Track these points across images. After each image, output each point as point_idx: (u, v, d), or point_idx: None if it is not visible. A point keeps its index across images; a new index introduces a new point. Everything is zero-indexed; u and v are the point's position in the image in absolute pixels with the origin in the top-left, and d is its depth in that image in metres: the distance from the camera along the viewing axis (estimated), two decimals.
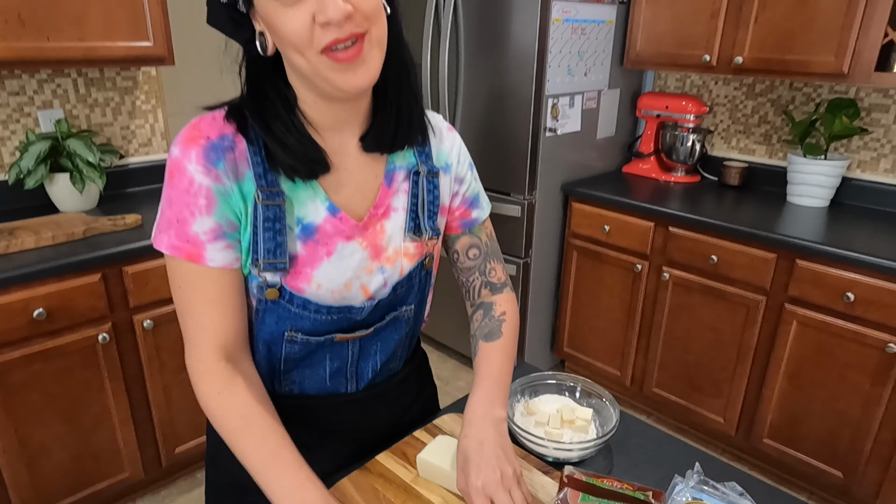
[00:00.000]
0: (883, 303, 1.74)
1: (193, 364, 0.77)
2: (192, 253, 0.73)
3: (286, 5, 0.64)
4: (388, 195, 0.82)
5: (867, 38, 1.86)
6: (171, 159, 0.73)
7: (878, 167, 2.20)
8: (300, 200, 0.76)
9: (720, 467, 0.88)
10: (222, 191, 0.72)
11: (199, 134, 0.73)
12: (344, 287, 0.80)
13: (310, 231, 0.77)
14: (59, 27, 1.72)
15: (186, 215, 0.72)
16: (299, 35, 0.65)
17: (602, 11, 2.36)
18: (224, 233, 0.73)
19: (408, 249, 0.84)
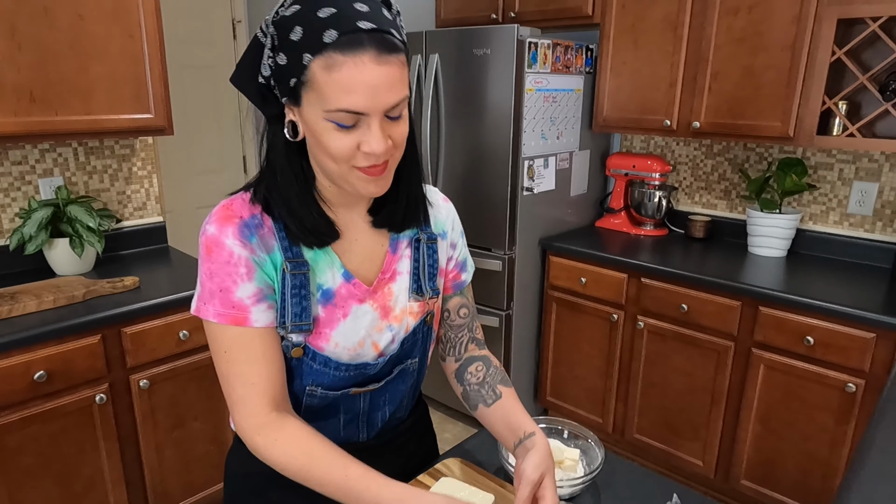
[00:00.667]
0: (840, 345, 1.88)
1: (246, 421, 0.83)
2: (238, 317, 0.80)
3: (341, 132, 0.73)
4: (394, 261, 0.92)
5: (807, 106, 2.07)
6: (207, 237, 0.80)
7: (827, 219, 2.40)
8: (321, 268, 0.86)
9: (699, 499, 0.97)
10: (258, 261, 0.81)
11: (232, 214, 0.81)
12: (358, 345, 0.89)
13: (329, 295, 0.86)
14: (68, 102, 1.83)
15: (229, 284, 0.80)
16: (343, 154, 0.75)
17: (571, 81, 2.57)
18: (265, 295, 0.82)
19: (412, 308, 0.94)
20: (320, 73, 0.71)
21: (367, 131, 0.74)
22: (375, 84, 0.71)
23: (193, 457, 2.05)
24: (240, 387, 0.82)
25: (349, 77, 0.70)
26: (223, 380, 0.84)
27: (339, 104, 0.71)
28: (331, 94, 0.71)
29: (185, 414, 1.99)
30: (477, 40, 2.39)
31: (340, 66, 0.70)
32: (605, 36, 2.52)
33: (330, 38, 0.69)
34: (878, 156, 2.25)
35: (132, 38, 1.93)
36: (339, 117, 0.72)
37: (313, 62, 0.70)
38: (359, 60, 0.70)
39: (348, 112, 0.72)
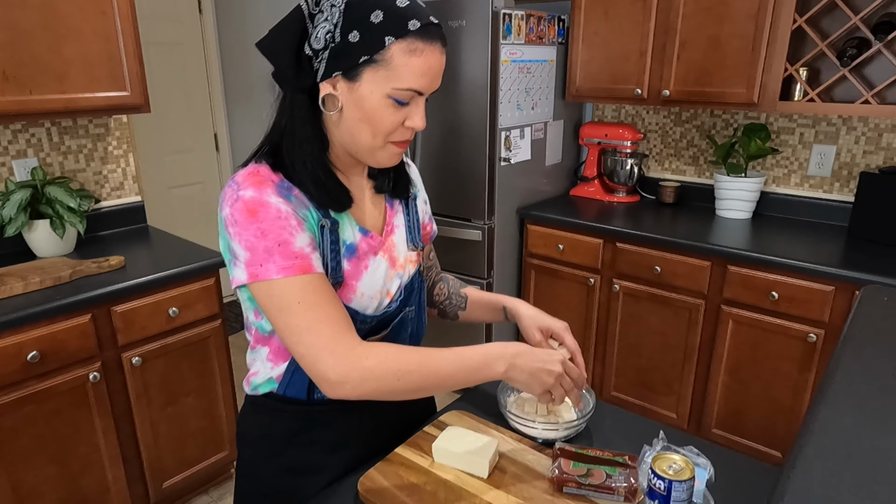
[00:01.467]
0: (802, 299, 2.01)
1: (348, 355, 0.82)
2: (304, 265, 0.82)
3: (394, 106, 0.83)
4: (393, 216, 1.01)
5: (770, 73, 2.17)
6: (246, 200, 0.81)
7: (790, 181, 2.52)
8: (343, 226, 0.92)
9: (680, 436, 1.06)
10: (302, 215, 0.85)
11: (263, 178, 0.84)
12: (378, 293, 0.96)
13: (352, 250, 0.92)
14: (42, 81, 1.80)
15: (286, 237, 0.81)
16: (390, 128, 0.85)
17: (544, 52, 2.61)
18: (317, 244, 0.87)
19: (411, 258, 1.04)
20: (400, 55, 0.80)
21: (415, 109, 0.85)
22: (438, 70, 0.84)
23: (187, 432, 2.08)
24: (327, 328, 0.82)
25: (426, 62, 0.81)
26: (303, 331, 0.82)
27: (412, 84, 0.81)
28: (408, 74, 0.81)
29: (177, 390, 2.02)
30: (452, 12, 2.41)
31: (422, 51, 0.81)
32: (576, 6, 2.57)
33: (413, 27, 0.80)
34: (835, 119, 2.37)
35: (105, 16, 1.90)
36: (405, 95, 0.82)
37: (395, 44, 0.79)
38: (434, 49, 0.82)
39: (414, 91, 0.82)
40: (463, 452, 0.95)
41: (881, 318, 0.80)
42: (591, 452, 0.94)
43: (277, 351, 0.96)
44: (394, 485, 0.93)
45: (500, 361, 0.89)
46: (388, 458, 0.99)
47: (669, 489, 0.79)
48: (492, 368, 0.89)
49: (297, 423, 0.98)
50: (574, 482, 0.90)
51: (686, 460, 0.82)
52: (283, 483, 0.99)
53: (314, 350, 0.82)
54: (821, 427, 0.57)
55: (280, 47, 0.84)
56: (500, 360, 0.89)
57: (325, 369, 0.81)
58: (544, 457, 0.99)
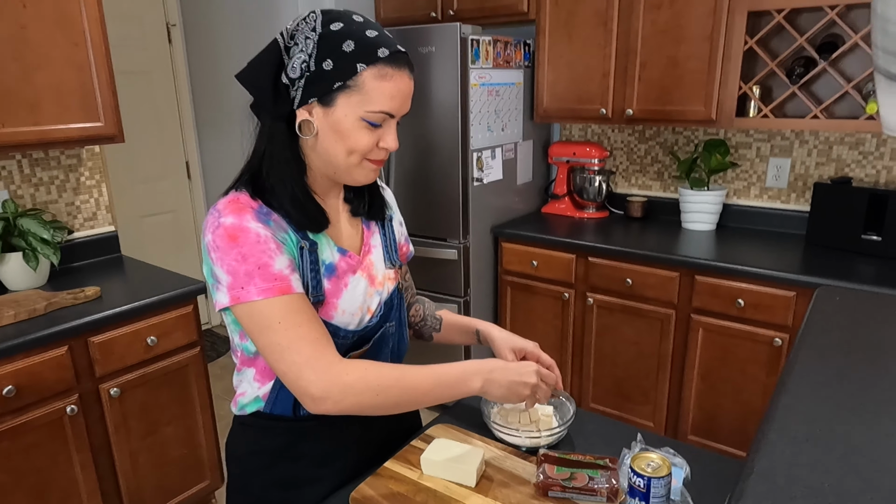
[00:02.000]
0: (766, 305, 2.10)
1: (327, 372, 0.85)
2: (283, 286, 0.86)
3: (367, 128, 0.89)
4: (369, 236, 1.06)
5: (726, 91, 2.28)
6: (227, 227, 0.85)
7: (749, 193, 2.64)
8: (321, 247, 0.96)
9: (657, 439, 1.11)
10: (281, 238, 0.89)
11: (243, 205, 0.88)
12: (358, 310, 1.00)
13: (331, 269, 0.96)
14: (14, 113, 1.80)
15: (266, 259, 0.86)
16: (365, 149, 0.90)
17: (511, 75, 2.70)
18: (296, 265, 0.90)
19: (389, 275, 1.08)
20: (371, 80, 0.86)
21: (388, 131, 0.91)
22: (407, 94, 0.91)
23: (167, 461, 2.06)
24: (307, 346, 0.85)
25: (395, 86, 0.88)
26: (284, 350, 0.85)
27: (383, 106, 0.88)
28: (378, 97, 0.87)
29: (157, 419, 2.00)
30: (421, 39, 2.48)
31: (391, 76, 0.87)
32: (540, 31, 2.67)
33: (383, 54, 0.86)
34: (788, 133, 2.50)
35: (77, 46, 1.91)
36: (377, 117, 0.88)
37: (366, 71, 0.86)
38: (403, 74, 0.89)
39: (385, 113, 0.88)
40: (450, 463, 0.98)
41: (834, 314, 0.86)
42: (574, 457, 0.98)
43: (263, 371, 0.98)
44: (384, 497, 0.95)
45: (476, 377, 0.94)
46: (378, 473, 1.01)
47: (649, 486, 0.83)
48: (468, 384, 0.94)
49: (285, 439, 1.00)
50: (558, 486, 0.94)
51: (663, 458, 0.87)
52: (273, 497, 1.01)
53: (296, 367, 0.85)
54: (781, 413, 0.62)
55: (259, 78, 0.89)
56: (476, 375, 0.94)
57: (306, 385, 0.85)
58: (529, 464, 1.03)
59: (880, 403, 0.64)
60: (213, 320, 4.07)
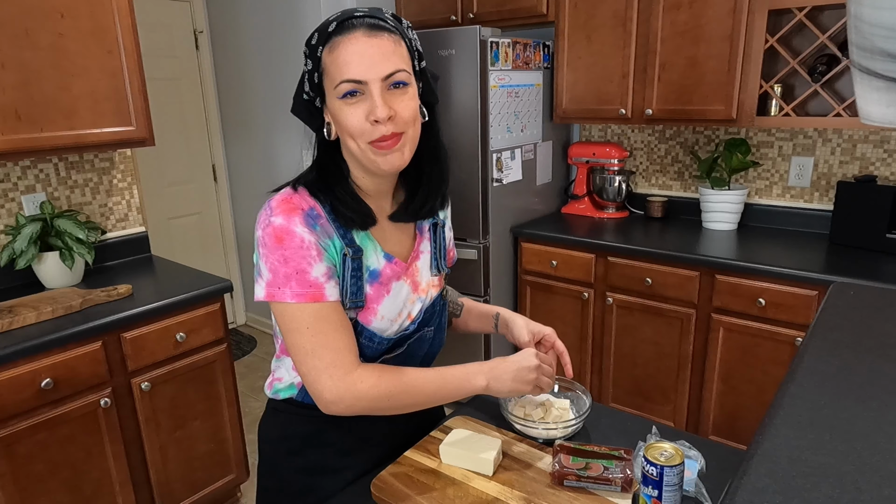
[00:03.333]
0: (788, 304, 2.09)
1: (343, 379, 0.90)
2: (316, 294, 0.90)
3: (348, 105, 0.87)
4: (420, 242, 1.07)
5: (747, 90, 2.28)
6: (275, 227, 0.88)
7: (771, 193, 2.62)
8: (367, 253, 0.98)
9: (673, 432, 1.12)
10: (323, 245, 0.91)
11: (294, 206, 0.91)
12: (398, 315, 1.02)
13: (375, 275, 0.98)
14: (52, 119, 1.88)
15: (304, 266, 0.89)
16: (356, 127, 0.88)
17: (531, 77, 2.73)
18: (334, 273, 0.93)
19: (433, 282, 1.09)
20: (327, 57, 0.87)
21: (371, 101, 0.86)
22: (369, 54, 0.85)
23: (195, 455, 2.12)
24: (329, 354, 0.90)
25: (345, 51, 0.85)
26: (307, 353, 0.90)
27: (341, 76, 0.86)
28: (335, 71, 0.86)
29: (185, 414, 2.06)
30: (441, 42, 2.52)
31: (338, 44, 0.86)
32: (559, 33, 2.69)
33: (331, 28, 0.86)
34: (811, 132, 2.48)
35: (111, 55, 1.99)
36: (344, 88, 0.86)
37: (323, 52, 0.87)
38: (352, 37, 0.85)
39: (349, 81, 0.85)
40: (468, 452, 1.01)
41: (847, 309, 0.87)
42: (589, 448, 1.00)
43: None
44: (405, 485, 0.99)
45: (479, 376, 0.97)
46: (398, 462, 1.05)
47: (661, 474, 0.85)
48: (472, 383, 0.97)
49: (314, 426, 1.04)
50: (574, 475, 0.96)
51: (676, 448, 0.89)
52: (300, 482, 1.05)
53: (315, 371, 0.91)
54: (788, 400, 0.63)
55: (297, 103, 0.96)
56: (479, 374, 0.98)
57: (321, 389, 0.91)
58: (545, 454, 1.05)
59: (885, 394, 0.66)
60: (237, 319, 4.15)
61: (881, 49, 0.48)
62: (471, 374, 0.97)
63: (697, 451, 1.03)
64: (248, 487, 2.43)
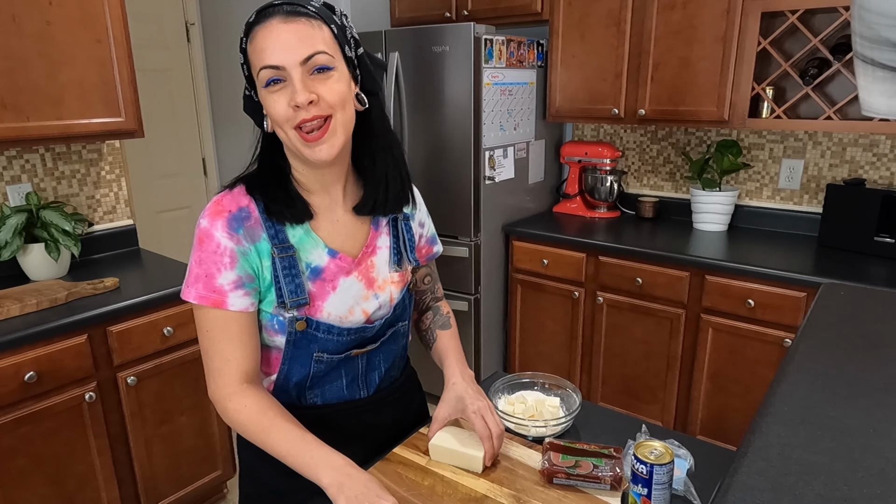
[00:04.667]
0: (776, 305, 2.10)
1: (220, 391, 0.94)
2: (217, 300, 0.91)
3: (272, 93, 0.87)
4: (376, 237, 1.05)
5: (739, 92, 2.29)
6: (199, 229, 0.92)
7: (762, 195, 2.64)
8: (306, 250, 0.97)
9: (662, 431, 1.12)
10: (242, 251, 0.92)
11: (222, 208, 0.93)
12: (348, 312, 1.00)
13: (317, 272, 0.98)
14: (39, 108, 1.85)
15: (213, 271, 0.91)
16: (280, 114, 0.87)
17: (524, 75, 2.72)
18: (243, 283, 0.93)
19: (393, 278, 1.07)
20: (249, 47, 0.88)
21: (292, 87, 0.86)
22: (284, 40, 0.85)
23: (182, 451, 2.10)
24: (217, 361, 0.94)
25: (262, 39, 0.86)
26: (204, 353, 0.95)
27: (260, 62, 0.86)
28: (255, 59, 0.87)
29: (172, 409, 2.04)
30: (435, 38, 2.51)
31: (256, 33, 0.87)
32: (553, 32, 2.69)
33: (251, 19, 0.88)
34: (802, 135, 2.49)
35: (100, 44, 1.96)
36: (265, 75, 0.86)
37: (247, 43, 0.88)
38: (268, 24, 0.86)
39: (267, 67, 0.85)
40: (458, 449, 1.00)
41: (837, 308, 0.87)
42: (579, 446, 1.00)
43: (267, 362, 1.02)
44: (393, 482, 0.98)
45: (327, 472, 0.87)
46: (387, 458, 1.04)
47: (651, 473, 0.85)
48: (317, 476, 0.87)
49: None
50: (563, 473, 0.96)
51: (666, 446, 0.88)
52: (282, 484, 1.04)
53: (207, 371, 0.96)
54: (779, 399, 0.63)
55: (245, 100, 0.97)
56: (330, 470, 0.87)
57: (209, 390, 0.97)
58: (535, 452, 1.05)
59: (875, 393, 0.66)
60: None
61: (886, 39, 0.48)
62: (322, 467, 0.87)
63: (686, 450, 1.03)
64: (235, 484, 2.41)
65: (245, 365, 0.95)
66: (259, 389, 0.96)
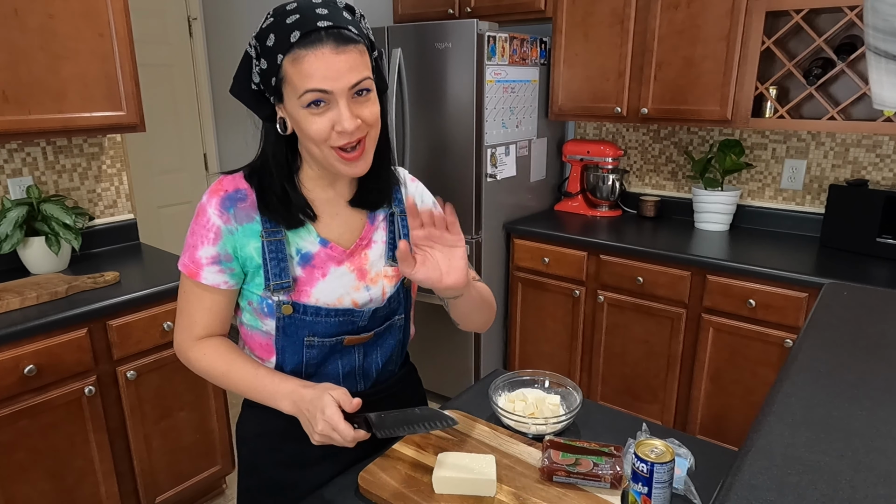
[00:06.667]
0: (778, 306, 2.09)
1: (183, 342, 1.02)
2: (192, 271, 0.97)
3: (313, 114, 0.87)
4: (371, 231, 1.05)
5: (742, 91, 2.28)
6: (200, 204, 0.97)
7: (764, 195, 2.63)
8: (299, 235, 0.99)
9: (662, 430, 1.12)
10: (229, 229, 0.96)
11: (220, 187, 0.97)
12: (336, 301, 1.01)
13: (307, 258, 0.99)
14: (41, 101, 1.85)
15: (197, 243, 0.96)
16: (320, 136, 0.89)
17: (527, 73, 2.71)
18: (220, 260, 0.97)
19: (387, 272, 1.07)
20: (289, 67, 0.86)
21: (337, 111, 0.87)
22: (336, 69, 0.85)
23: (180, 446, 2.10)
24: (186, 319, 1.01)
25: (310, 64, 0.85)
26: (178, 308, 1.03)
27: (305, 86, 0.85)
28: (299, 81, 0.86)
29: (171, 404, 2.04)
30: (438, 35, 2.50)
31: (304, 58, 0.85)
32: (557, 29, 2.68)
33: (294, 38, 0.84)
34: (805, 135, 2.49)
35: (102, 38, 1.96)
36: (309, 97, 0.86)
37: (284, 60, 0.86)
38: (319, 52, 0.84)
39: (315, 91, 0.85)
40: (466, 477, 0.94)
41: (840, 308, 0.87)
42: (579, 444, 1.00)
43: (262, 346, 1.03)
44: (393, 478, 0.98)
45: (284, 400, 0.94)
46: (387, 454, 1.04)
47: (652, 471, 0.84)
48: (277, 405, 0.95)
49: (291, 419, 1.00)
50: (563, 471, 0.95)
51: (666, 445, 0.88)
52: (282, 477, 1.04)
53: (175, 324, 1.04)
54: (782, 398, 0.63)
55: (241, 88, 0.96)
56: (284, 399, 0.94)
57: (174, 341, 1.05)
58: (535, 450, 1.05)
59: (879, 393, 0.65)
60: None
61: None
62: (277, 398, 0.95)
63: (687, 450, 1.03)
64: (233, 479, 2.41)
65: (210, 330, 1.02)
66: (218, 337, 1.02)
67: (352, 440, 0.88)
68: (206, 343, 1.01)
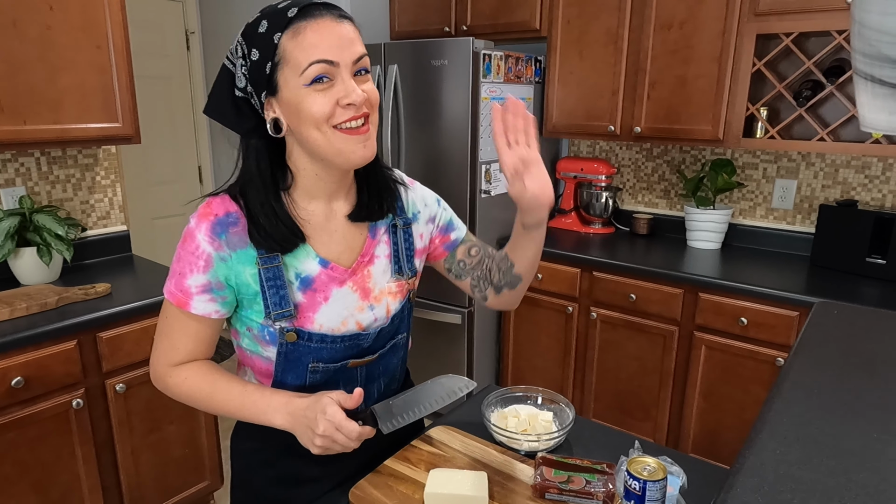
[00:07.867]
0: (769, 324, 2.10)
1: (161, 369, 0.98)
2: (181, 301, 0.92)
3: (317, 91, 0.83)
4: (373, 246, 1.01)
5: (734, 112, 2.31)
6: (187, 228, 0.92)
7: (755, 214, 2.65)
8: (297, 258, 0.94)
9: (655, 448, 1.12)
10: (221, 257, 0.90)
11: (210, 211, 0.91)
12: (341, 324, 0.97)
13: (308, 282, 0.94)
14: (37, 112, 1.85)
15: (185, 271, 0.91)
16: (323, 113, 0.84)
17: (522, 90, 2.74)
18: (211, 288, 0.92)
19: (391, 289, 1.03)
20: (289, 42, 0.82)
21: (342, 86, 0.84)
22: (339, 36, 0.83)
23: (169, 460, 2.07)
24: (166, 344, 0.96)
25: (314, 34, 0.82)
26: (157, 332, 0.98)
27: (311, 58, 0.82)
28: (301, 54, 0.82)
29: (161, 418, 2.01)
30: (434, 52, 2.53)
31: (305, 28, 0.82)
32: (552, 48, 2.71)
33: (292, 13, 0.83)
34: (795, 155, 2.52)
35: (100, 50, 1.96)
36: (315, 70, 0.82)
37: (282, 38, 0.83)
38: (321, 21, 0.83)
39: (321, 62, 0.82)
40: (458, 493, 0.94)
41: (832, 326, 0.88)
42: (572, 461, 0.99)
43: (261, 371, 1.00)
44: (384, 495, 0.97)
45: (277, 415, 0.91)
46: (378, 470, 1.03)
47: (644, 489, 0.84)
48: (270, 422, 0.92)
49: (286, 436, 0.97)
50: (555, 488, 0.95)
51: (659, 462, 0.88)
52: (274, 494, 1.03)
53: (153, 347, 0.99)
54: (774, 416, 0.63)
55: (220, 103, 0.92)
56: (277, 414, 0.91)
57: (150, 365, 1.00)
58: (527, 467, 1.04)
59: (872, 410, 0.66)
60: None
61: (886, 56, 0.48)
62: (269, 414, 0.91)
63: (679, 467, 1.03)
64: (222, 495, 2.38)
65: (193, 356, 0.98)
66: (195, 361, 0.98)
67: (357, 437, 0.86)
68: (186, 367, 0.96)
